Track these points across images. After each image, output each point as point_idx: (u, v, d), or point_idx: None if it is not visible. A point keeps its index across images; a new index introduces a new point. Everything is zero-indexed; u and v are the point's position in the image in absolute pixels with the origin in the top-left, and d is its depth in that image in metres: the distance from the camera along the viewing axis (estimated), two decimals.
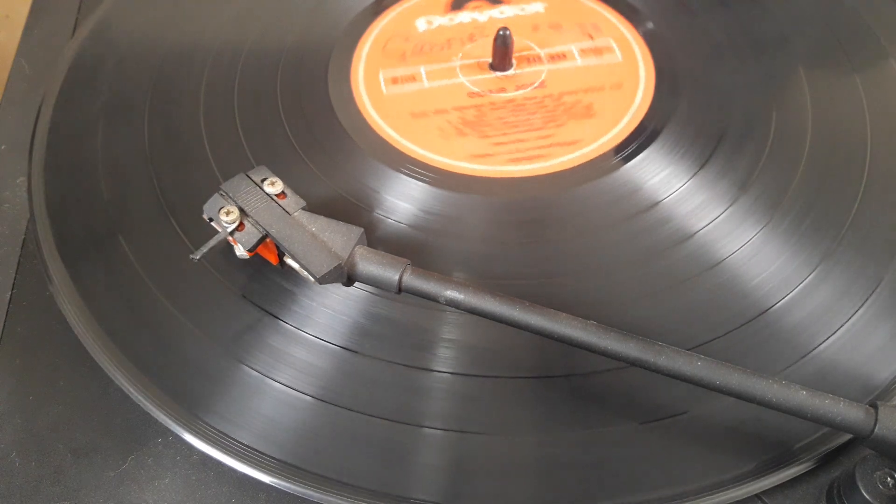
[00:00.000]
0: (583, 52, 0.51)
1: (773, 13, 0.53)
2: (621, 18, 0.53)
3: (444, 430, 0.35)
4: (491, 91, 0.49)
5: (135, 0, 0.54)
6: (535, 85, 0.49)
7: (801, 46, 0.51)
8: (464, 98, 0.49)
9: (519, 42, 0.51)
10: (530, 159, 0.45)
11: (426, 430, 0.35)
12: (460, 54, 0.50)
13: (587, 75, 0.50)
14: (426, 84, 0.49)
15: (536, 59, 0.51)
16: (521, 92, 0.49)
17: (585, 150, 0.45)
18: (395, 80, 0.48)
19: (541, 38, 0.52)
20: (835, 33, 0.51)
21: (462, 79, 0.49)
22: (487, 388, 0.36)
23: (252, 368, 0.37)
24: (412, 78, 0.49)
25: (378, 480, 0.34)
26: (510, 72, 0.50)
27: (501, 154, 0.45)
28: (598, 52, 0.51)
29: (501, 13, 0.53)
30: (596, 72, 0.50)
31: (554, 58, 0.51)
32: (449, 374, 0.37)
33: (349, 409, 0.36)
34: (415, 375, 0.37)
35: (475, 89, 0.49)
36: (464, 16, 0.53)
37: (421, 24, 0.52)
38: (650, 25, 0.52)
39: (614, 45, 0.51)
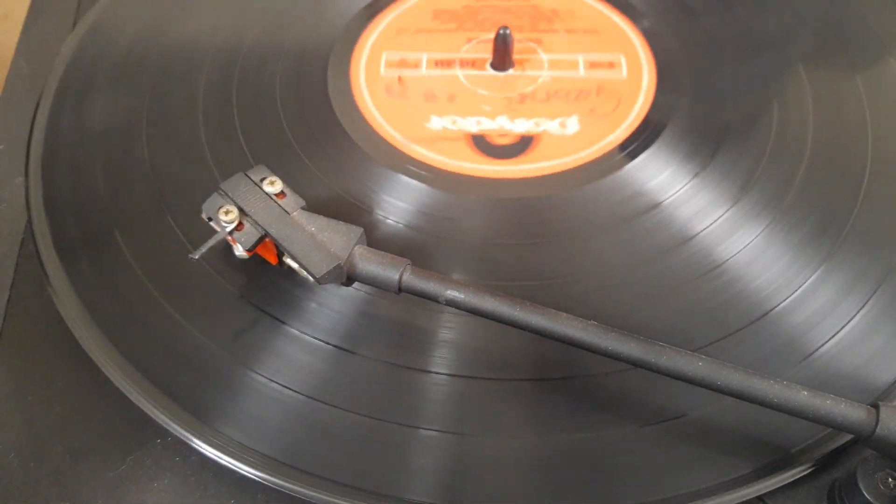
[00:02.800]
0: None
1: (774, 13, 0.53)
2: (623, 18, 0.53)
3: (443, 431, 0.35)
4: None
5: None
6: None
7: (801, 46, 0.51)
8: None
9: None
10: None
11: (425, 431, 0.35)
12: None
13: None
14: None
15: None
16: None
17: (586, 151, 0.45)
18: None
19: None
20: (835, 32, 0.51)
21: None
22: (486, 390, 0.36)
23: (250, 369, 0.37)
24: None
25: (377, 481, 0.34)
26: (509, 72, 0.50)
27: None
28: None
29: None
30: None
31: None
32: (448, 376, 0.37)
33: (348, 410, 0.36)
34: (414, 376, 0.37)
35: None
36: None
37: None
38: (646, 23, 0.52)
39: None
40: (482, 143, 0.46)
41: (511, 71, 0.50)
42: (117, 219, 0.42)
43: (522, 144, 0.46)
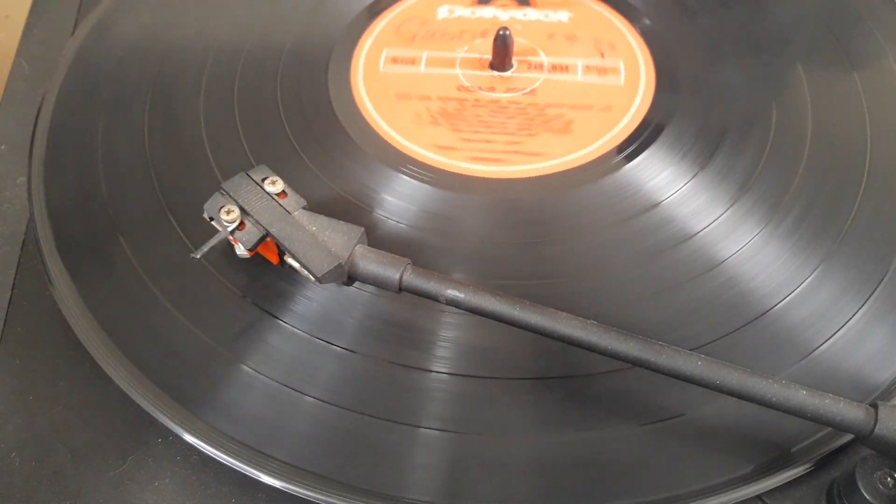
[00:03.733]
0: (587, 68, 0.50)
1: (773, 13, 0.53)
2: (622, 19, 0.53)
3: (443, 430, 0.35)
4: (480, 88, 0.49)
5: (135, 0, 0.54)
6: (526, 91, 0.49)
7: (800, 46, 0.51)
8: (452, 90, 0.49)
9: (527, 47, 0.51)
10: (488, 161, 0.45)
11: (425, 430, 0.35)
12: (466, 47, 0.50)
13: (581, 92, 0.49)
14: (422, 69, 0.49)
15: (538, 67, 0.50)
16: (508, 95, 0.49)
17: (586, 150, 0.45)
18: (395, 60, 0.49)
19: (552, 47, 0.51)
20: (834, 32, 0.51)
21: (458, 71, 0.49)
22: (486, 389, 0.36)
23: (251, 368, 0.37)
24: (412, 61, 0.49)
25: (377, 480, 0.34)
26: (508, 73, 0.50)
27: (464, 150, 0.45)
28: (602, 71, 0.50)
29: (525, 15, 0.53)
30: (591, 90, 0.49)
31: (556, 68, 0.50)
32: (448, 375, 0.37)
33: (348, 409, 0.36)
34: (414, 375, 0.37)
35: (466, 83, 0.49)
36: (487, 11, 0.53)
37: (442, 11, 0.52)
38: (647, 22, 0.52)
39: (622, 69, 0.50)
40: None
41: (510, 72, 0.50)
42: (119, 218, 0.42)
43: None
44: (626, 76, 0.50)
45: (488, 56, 0.50)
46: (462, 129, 0.46)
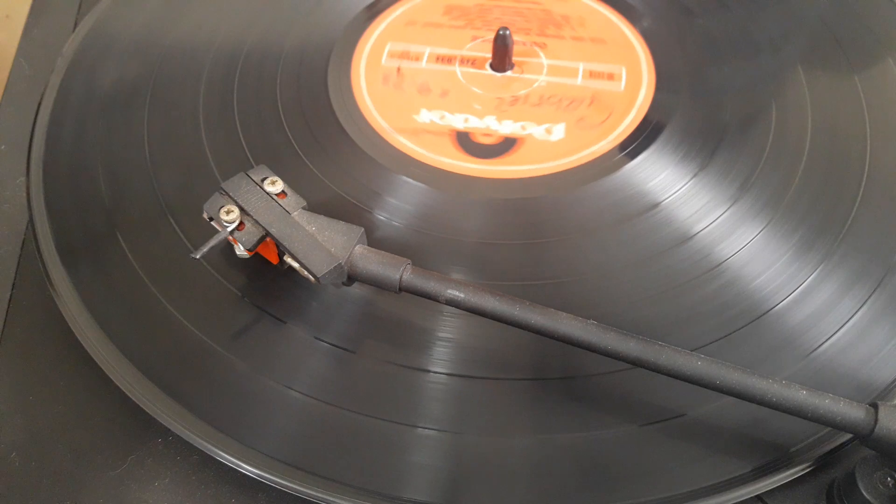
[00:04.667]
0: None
1: (773, 14, 0.53)
2: (622, 18, 0.53)
3: (443, 430, 0.35)
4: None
5: (135, 0, 0.54)
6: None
7: (800, 46, 0.51)
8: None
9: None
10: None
11: (424, 430, 0.35)
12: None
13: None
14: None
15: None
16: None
17: (585, 151, 0.45)
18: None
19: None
20: (833, 33, 0.51)
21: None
22: (486, 390, 0.36)
23: (251, 368, 0.37)
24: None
25: (377, 480, 0.34)
26: (508, 73, 0.50)
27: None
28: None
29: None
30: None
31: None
32: (447, 375, 0.37)
33: (348, 410, 0.36)
34: (413, 376, 0.37)
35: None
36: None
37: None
38: (646, 24, 0.52)
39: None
40: (465, 141, 0.46)
41: (509, 72, 0.50)
42: (118, 218, 0.42)
43: (505, 146, 0.46)
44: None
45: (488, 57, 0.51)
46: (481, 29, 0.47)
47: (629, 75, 0.50)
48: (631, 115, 0.47)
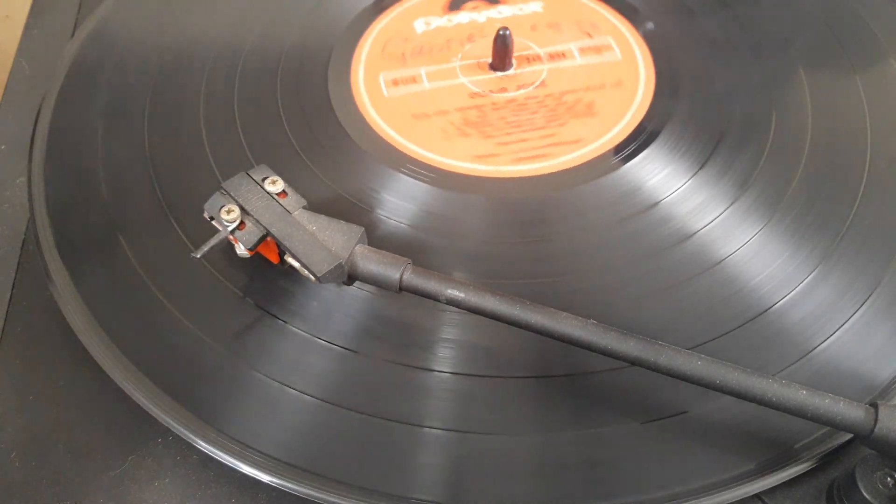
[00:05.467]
0: (582, 50, 0.51)
1: (773, 13, 0.53)
2: (620, 17, 0.53)
3: (444, 429, 0.35)
4: (492, 91, 0.49)
5: (135, 0, 0.54)
6: (536, 84, 0.49)
7: (801, 46, 0.51)
8: (465, 98, 0.49)
9: (518, 42, 0.51)
10: (533, 159, 0.45)
11: (426, 429, 0.35)
12: (460, 55, 0.50)
13: (587, 74, 0.50)
14: (427, 85, 0.49)
15: (536, 59, 0.51)
16: (522, 91, 0.49)
17: (586, 150, 0.45)
18: (395, 83, 0.48)
19: (539, 38, 0.52)
20: (835, 33, 0.51)
21: (463, 79, 0.49)
22: (487, 388, 0.36)
23: (251, 368, 0.37)
24: (413, 79, 0.49)
25: (378, 480, 0.34)
26: (510, 72, 0.50)
27: (505, 154, 0.45)
28: (597, 50, 0.51)
29: (499, 13, 0.54)
30: (596, 70, 0.50)
31: (554, 57, 0.51)
32: (449, 374, 0.37)
33: (349, 409, 0.36)
34: (415, 375, 0.37)
35: (476, 89, 0.49)
36: (462, 16, 0.53)
37: (419, 25, 0.52)
38: (650, 26, 0.52)
39: (613, 44, 0.51)
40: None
41: (512, 70, 0.50)
42: (119, 218, 0.42)
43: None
44: (621, 50, 0.50)
45: (486, 59, 0.50)
46: (494, 135, 0.46)
47: (619, 44, 0.50)
48: (630, 115, 0.47)
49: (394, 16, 0.52)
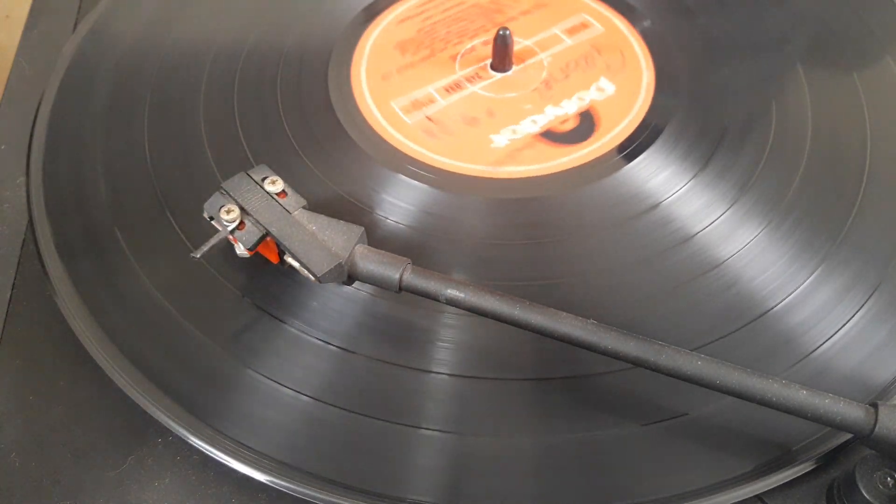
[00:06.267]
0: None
1: (773, 13, 0.53)
2: (621, 18, 0.53)
3: (444, 431, 0.35)
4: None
5: (134, 0, 0.54)
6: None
7: (800, 46, 0.51)
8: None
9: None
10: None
11: (425, 430, 0.35)
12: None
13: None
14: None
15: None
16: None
17: (586, 150, 0.45)
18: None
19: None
20: (834, 33, 0.51)
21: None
22: (487, 389, 0.36)
23: (251, 368, 0.37)
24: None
25: (377, 481, 0.34)
26: (512, 70, 0.50)
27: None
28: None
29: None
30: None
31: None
32: (448, 376, 0.37)
33: (348, 410, 0.36)
34: (414, 376, 0.37)
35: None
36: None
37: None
38: (647, 24, 0.52)
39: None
40: (554, 136, 0.46)
41: (514, 68, 0.50)
42: (118, 218, 0.42)
43: (586, 120, 0.47)
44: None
45: (485, 63, 0.50)
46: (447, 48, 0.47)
47: (596, 20, 0.51)
48: (631, 115, 0.47)
49: (364, 71, 0.51)
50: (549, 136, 0.46)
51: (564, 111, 0.47)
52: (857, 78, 0.48)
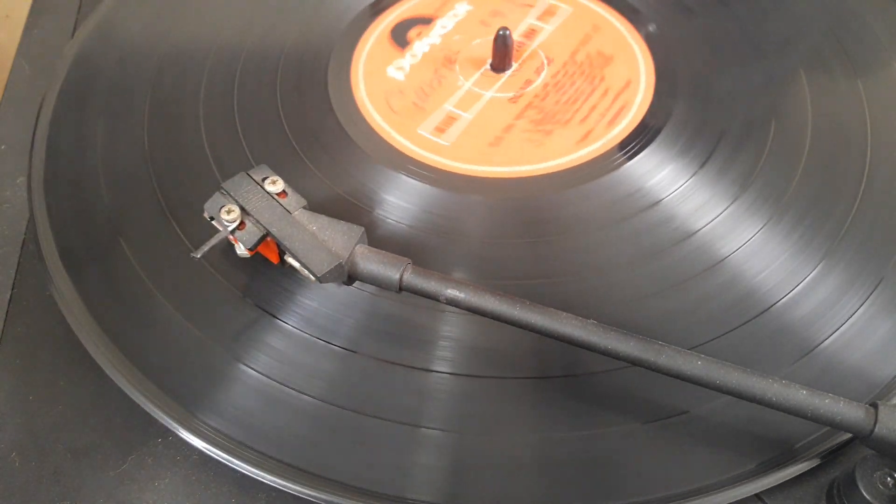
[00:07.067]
0: (541, 18, 0.53)
1: (774, 14, 0.53)
2: (621, 18, 0.53)
3: (444, 430, 0.35)
4: (522, 88, 0.49)
5: (135, 0, 0.54)
6: (547, 63, 0.50)
7: (801, 47, 0.51)
8: (511, 107, 0.48)
9: (485, 41, 0.51)
10: (617, 116, 0.47)
11: (425, 430, 0.35)
12: (460, 77, 0.50)
13: (567, 32, 0.52)
14: (469, 115, 0.48)
15: (520, 45, 0.51)
16: (543, 74, 0.49)
17: (585, 150, 0.45)
18: (439, 129, 0.47)
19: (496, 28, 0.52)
20: (835, 34, 0.51)
21: (490, 93, 0.49)
22: (487, 389, 0.36)
23: (251, 368, 0.37)
24: (452, 119, 0.48)
25: (377, 480, 0.34)
26: (513, 67, 0.50)
27: (599, 127, 0.46)
28: (551, 13, 0.53)
29: (444, 28, 0.53)
30: (568, 26, 0.52)
31: (529, 35, 0.52)
32: (448, 375, 0.37)
33: (348, 410, 0.36)
34: (414, 376, 0.37)
35: (509, 94, 0.49)
36: (418, 47, 0.52)
37: (395, 73, 0.50)
38: (652, 28, 0.52)
39: (556, 2, 0.53)
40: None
41: (515, 66, 0.50)
42: (119, 218, 0.42)
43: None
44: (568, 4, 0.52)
45: (484, 68, 0.50)
46: (569, 118, 0.47)
47: (629, 71, 0.50)
48: (631, 114, 0.47)
49: (364, 71, 0.50)
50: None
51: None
52: (858, 80, 0.48)
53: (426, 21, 0.53)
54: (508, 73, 0.50)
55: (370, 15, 0.53)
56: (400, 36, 0.53)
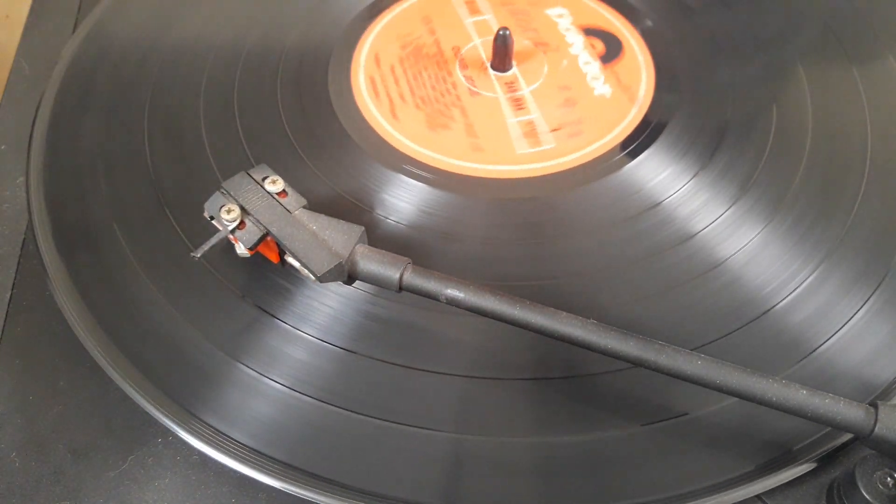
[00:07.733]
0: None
1: (773, 11, 0.53)
2: (620, 17, 0.53)
3: (443, 431, 0.35)
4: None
5: (134, 0, 0.54)
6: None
7: (800, 44, 0.51)
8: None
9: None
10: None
11: (425, 431, 0.35)
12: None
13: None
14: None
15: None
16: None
17: (585, 150, 0.45)
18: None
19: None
20: (834, 31, 0.51)
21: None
22: (486, 389, 0.36)
23: (251, 368, 0.37)
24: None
25: (377, 481, 0.34)
26: (513, 68, 0.50)
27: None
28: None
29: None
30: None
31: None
32: (448, 375, 0.37)
33: (348, 410, 0.36)
34: (413, 376, 0.37)
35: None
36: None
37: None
38: (649, 23, 0.52)
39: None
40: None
41: (515, 65, 0.50)
42: (119, 219, 0.42)
43: (612, 46, 0.51)
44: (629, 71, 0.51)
45: (484, 69, 0.50)
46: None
47: (630, 74, 0.50)
48: (631, 115, 0.47)
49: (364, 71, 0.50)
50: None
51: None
52: (857, 76, 0.48)
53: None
54: (508, 73, 0.50)
55: (370, 15, 0.53)
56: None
